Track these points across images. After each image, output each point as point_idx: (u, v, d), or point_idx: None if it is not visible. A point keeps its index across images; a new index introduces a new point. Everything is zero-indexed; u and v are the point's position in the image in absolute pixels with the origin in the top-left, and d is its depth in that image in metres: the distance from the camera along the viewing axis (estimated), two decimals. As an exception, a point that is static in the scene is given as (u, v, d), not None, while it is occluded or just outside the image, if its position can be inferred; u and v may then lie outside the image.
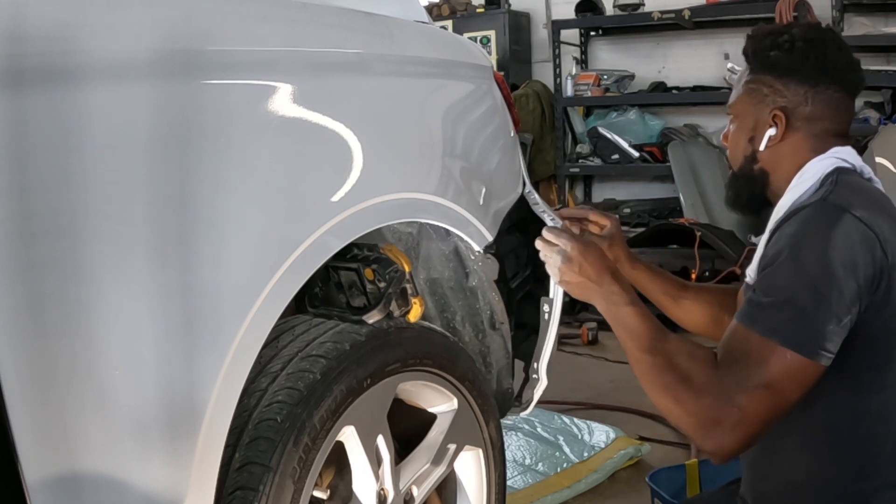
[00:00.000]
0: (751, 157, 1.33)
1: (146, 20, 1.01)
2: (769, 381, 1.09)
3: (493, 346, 1.71)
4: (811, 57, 1.26)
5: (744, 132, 1.34)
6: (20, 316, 0.87)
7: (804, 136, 1.28)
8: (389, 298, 1.37)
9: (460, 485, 1.60)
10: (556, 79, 5.85)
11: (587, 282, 1.30)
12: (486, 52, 2.09)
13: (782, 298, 1.12)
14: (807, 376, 1.10)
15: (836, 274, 1.09)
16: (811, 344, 1.09)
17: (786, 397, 1.10)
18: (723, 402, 1.10)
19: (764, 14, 4.95)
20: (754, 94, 1.31)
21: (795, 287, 1.11)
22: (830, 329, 1.09)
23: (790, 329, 1.10)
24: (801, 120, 1.28)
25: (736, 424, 1.09)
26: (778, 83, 1.28)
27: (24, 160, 0.87)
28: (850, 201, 1.15)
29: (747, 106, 1.32)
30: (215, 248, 1.05)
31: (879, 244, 1.12)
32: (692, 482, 2.11)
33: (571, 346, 4.03)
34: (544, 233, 1.38)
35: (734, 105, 1.36)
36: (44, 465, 0.90)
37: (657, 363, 1.18)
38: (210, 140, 1.05)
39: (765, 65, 1.30)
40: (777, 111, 1.28)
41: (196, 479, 1.04)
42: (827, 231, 1.12)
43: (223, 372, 1.05)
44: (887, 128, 4.63)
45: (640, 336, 1.22)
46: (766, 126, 1.29)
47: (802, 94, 1.27)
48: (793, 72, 1.27)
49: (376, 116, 1.33)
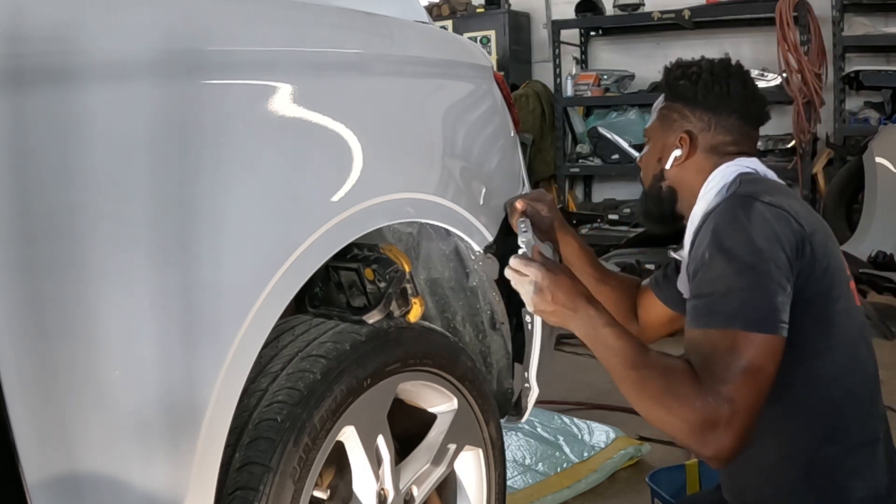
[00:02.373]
0: (658, 175, 1.47)
1: (146, 20, 1.01)
2: (746, 366, 1.13)
3: (493, 347, 1.71)
4: (714, 88, 1.39)
5: (654, 153, 1.48)
6: (20, 316, 0.87)
7: (707, 155, 1.41)
8: (389, 298, 1.37)
9: (460, 485, 1.60)
10: (556, 79, 5.86)
11: (562, 309, 1.30)
12: (486, 52, 2.09)
13: (725, 288, 1.17)
14: (775, 350, 1.15)
15: (765, 249, 1.17)
16: (769, 319, 1.15)
17: (765, 375, 1.14)
18: (711, 401, 1.12)
19: (764, 14, 4.95)
20: (665, 119, 1.45)
21: (733, 273, 1.17)
22: (780, 301, 1.16)
23: (745, 312, 1.15)
24: (704, 143, 1.41)
25: (730, 419, 1.11)
26: (686, 110, 1.42)
27: (24, 160, 0.87)
28: (755, 190, 1.26)
29: (658, 131, 1.47)
30: (215, 248, 1.05)
31: (793, 218, 1.21)
32: (692, 482, 2.11)
33: (571, 346, 4.02)
34: (512, 262, 1.36)
35: (648, 130, 1.51)
36: (44, 465, 0.90)
37: (644, 377, 1.19)
38: (210, 140, 1.05)
39: (675, 94, 1.44)
40: (683, 134, 1.42)
41: (196, 479, 1.04)
42: (743, 217, 1.21)
43: (223, 372, 1.05)
44: (887, 128, 4.63)
45: (624, 354, 1.22)
46: (672, 147, 1.43)
47: (706, 120, 1.41)
48: (698, 101, 1.41)
49: (376, 116, 1.33)
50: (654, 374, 1.18)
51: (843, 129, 5.06)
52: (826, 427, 1.23)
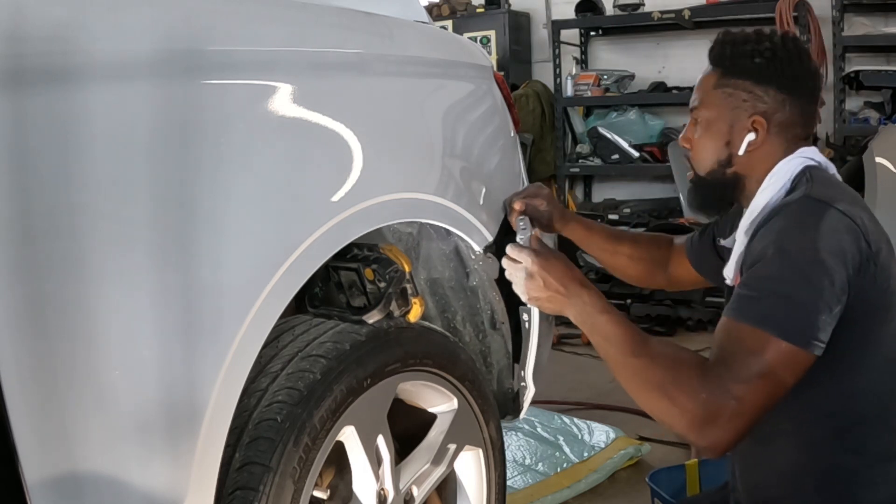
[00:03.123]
0: (726, 161, 1.34)
1: (146, 20, 1.01)
2: (765, 371, 1.10)
3: (493, 346, 1.71)
4: (791, 67, 1.29)
5: (718, 136, 1.34)
6: (20, 316, 0.87)
7: (779, 140, 1.31)
8: (389, 298, 1.37)
9: (460, 485, 1.60)
10: (556, 79, 5.85)
11: (555, 295, 1.30)
12: (486, 52, 2.09)
13: (774, 290, 1.14)
14: (801, 365, 1.12)
15: (827, 263, 1.13)
16: (805, 334, 1.11)
17: (782, 385, 1.12)
18: (719, 396, 1.10)
19: (764, 14, 4.95)
20: (730, 98, 1.32)
21: (787, 279, 1.14)
22: (823, 319, 1.12)
23: (784, 319, 1.12)
24: (777, 125, 1.30)
25: (733, 416, 1.10)
26: (758, 89, 1.30)
27: (24, 160, 0.87)
28: (831, 196, 1.19)
29: (722, 110, 1.33)
30: (216, 247, 1.05)
31: (862, 234, 1.16)
32: (692, 482, 2.11)
33: (571, 346, 4.03)
34: (508, 250, 1.36)
35: (704, 108, 1.36)
36: (44, 465, 0.90)
37: (644, 365, 1.18)
38: (210, 140, 1.05)
39: (745, 71, 1.31)
40: (757, 117, 1.30)
41: (196, 479, 1.04)
42: (814, 224, 1.16)
43: (223, 372, 1.05)
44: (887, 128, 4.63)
45: (622, 342, 1.22)
46: (744, 131, 1.31)
47: (781, 101, 1.29)
48: (772, 80, 1.29)
49: (376, 116, 1.33)
50: (656, 364, 1.17)
51: (843, 129, 5.06)
52: (851, 440, 1.21)
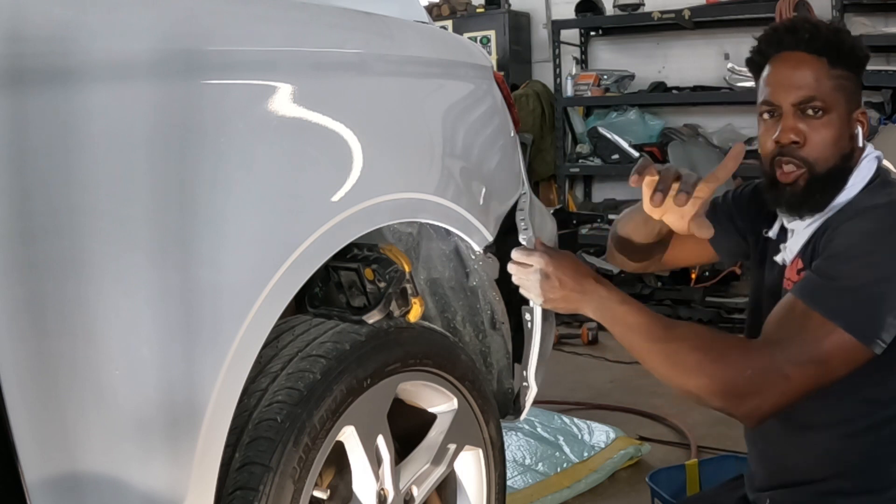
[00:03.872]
0: (849, 154, 1.28)
1: (146, 20, 1.01)
2: (821, 358, 1.14)
3: (493, 347, 1.71)
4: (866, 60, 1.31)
5: (841, 129, 1.27)
6: (20, 316, 0.87)
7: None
8: (389, 298, 1.37)
9: (460, 485, 1.60)
10: (556, 79, 5.85)
11: (571, 294, 1.30)
12: (486, 52, 2.09)
13: (852, 286, 1.16)
14: (858, 359, 1.15)
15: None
16: (871, 331, 1.14)
17: (832, 374, 1.15)
18: (771, 373, 1.13)
19: (764, 14, 4.95)
20: (843, 91, 1.27)
21: (866, 277, 1.16)
22: (890, 321, 1.14)
23: (855, 314, 1.14)
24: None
25: (778, 393, 1.14)
26: (858, 81, 1.30)
27: (24, 160, 0.87)
28: None
29: (842, 103, 1.27)
30: (215, 247, 1.05)
31: None
32: (692, 482, 2.11)
33: (571, 346, 4.03)
34: (514, 255, 1.35)
35: (821, 99, 1.26)
36: (44, 465, 0.90)
37: (678, 347, 1.20)
38: (210, 140, 1.05)
39: (851, 63, 1.28)
40: (862, 108, 1.30)
41: (196, 479, 1.04)
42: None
43: (223, 372, 1.05)
44: (887, 128, 4.63)
45: (648, 328, 1.23)
46: (856, 123, 1.29)
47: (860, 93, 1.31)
48: (860, 73, 1.30)
49: (376, 116, 1.33)
50: (689, 344, 1.19)
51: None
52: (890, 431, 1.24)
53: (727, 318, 4.14)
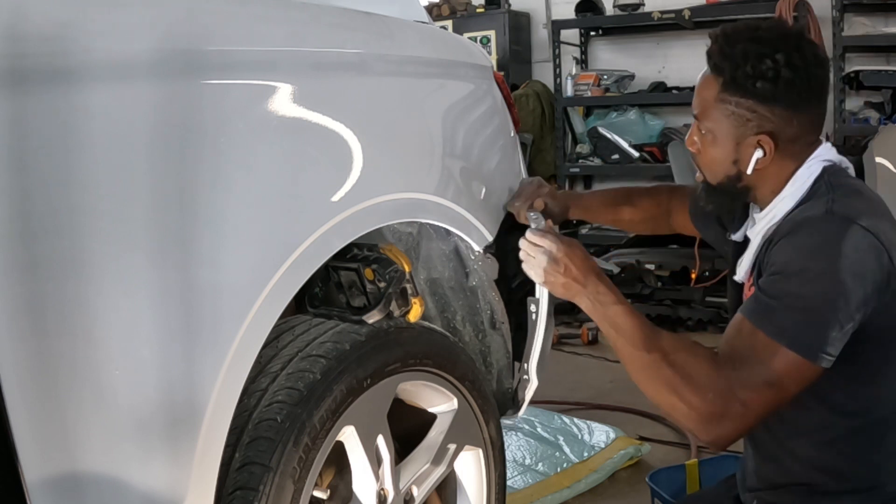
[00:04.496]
0: (735, 177, 1.31)
1: (146, 20, 1.01)
2: (773, 380, 1.15)
3: (493, 346, 1.71)
4: (796, 84, 1.24)
5: (724, 152, 1.30)
6: (20, 316, 0.87)
7: (790, 153, 1.28)
8: (389, 298, 1.37)
9: (460, 485, 1.60)
10: (556, 79, 5.85)
11: (572, 282, 1.32)
12: (486, 52, 2.09)
13: (793, 304, 1.17)
14: (808, 376, 1.17)
15: (846, 283, 1.15)
16: (815, 348, 1.15)
17: (786, 393, 1.17)
18: (727, 398, 1.16)
19: (764, 14, 4.95)
20: (735, 117, 1.27)
21: (805, 296, 1.17)
22: (833, 335, 1.15)
23: (797, 333, 1.15)
24: (786, 141, 1.27)
25: (738, 417, 1.16)
26: (762, 108, 1.25)
27: (24, 160, 0.87)
28: (855, 210, 1.20)
29: (727, 128, 1.29)
30: (215, 247, 1.05)
31: (886, 251, 1.18)
32: (692, 482, 2.11)
33: (571, 346, 4.02)
34: (529, 234, 1.38)
35: (707, 120, 1.31)
36: (44, 465, 0.90)
37: (655, 360, 1.22)
38: (210, 140, 1.05)
39: (747, 92, 1.25)
40: (763, 136, 1.26)
41: (196, 479, 1.04)
42: (837, 242, 1.17)
43: (223, 372, 1.05)
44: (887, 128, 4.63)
45: (633, 334, 1.25)
46: (751, 149, 1.27)
47: (788, 117, 1.25)
48: (777, 99, 1.24)
49: (376, 116, 1.33)
50: (667, 360, 1.20)
51: (843, 129, 5.06)
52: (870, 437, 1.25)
53: (727, 318, 4.12)
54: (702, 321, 4.15)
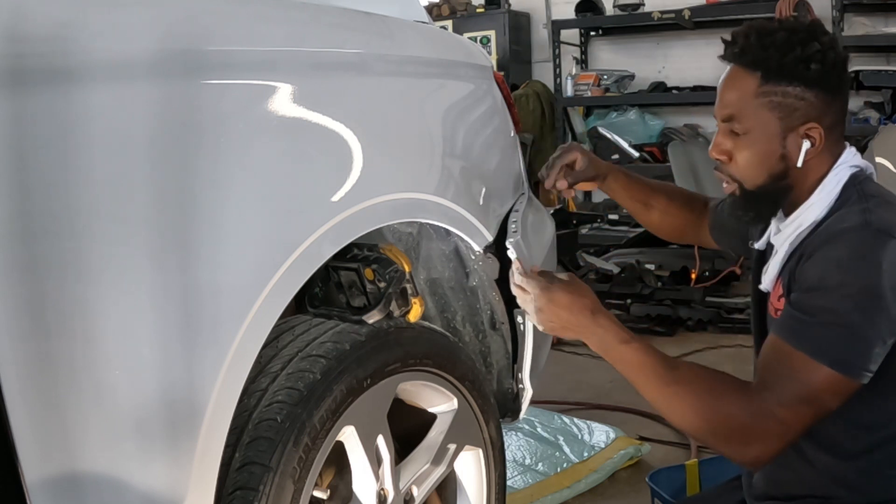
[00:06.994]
0: (781, 174, 1.26)
1: (146, 20, 1.01)
2: (812, 397, 1.14)
3: (493, 347, 1.71)
4: (837, 66, 1.23)
5: (769, 148, 1.25)
6: (20, 316, 0.87)
7: (828, 145, 1.25)
8: (389, 298, 1.37)
9: (460, 485, 1.60)
10: (556, 79, 5.86)
11: (567, 327, 1.30)
12: (486, 52, 2.09)
13: (831, 321, 1.14)
14: (847, 392, 1.15)
15: (886, 299, 1.13)
16: (857, 365, 1.14)
17: (826, 409, 1.15)
18: (766, 419, 1.14)
19: (764, 14, 4.95)
20: (781, 108, 1.23)
21: (844, 312, 1.14)
22: (876, 352, 1.14)
23: (838, 350, 1.14)
24: (828, 128, 1.24)
25: (777, 437, 1.15)
26: (809, 94, 1.22)
27: (24, 160, 0.87)
28: (892, 223, 1.17)
29: (772, 121, 1.23)
30: (215, 247, 1.04)
31: None
32: (692, 482, 2.11)
33: (571, 345, 4.02)
34: (516, 280, 1.36)
35: (746, 119, 1.25)
36: (44, 465, 0.90)
37: (681, 392, 1.20)
38: (210, 140, 1.05)
39: (795, 77, 1.21)
40: (812, 123, 1.23)
41: (196, 479, 1.04)
42: (875, 257, 1.14)
43: (223, 372, 1.05)
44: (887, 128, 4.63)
45: (652, 370, 1.22)
46: (799, 139, 1.23)
47: (829, 102, 1.23)
48: (820, 83, 1.22)
49: (376, 116, 1.33)
50: (690, 390, 1.19)
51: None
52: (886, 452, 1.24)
53: (727, 318, 4.13)
54: (702, 321, 4.15)
